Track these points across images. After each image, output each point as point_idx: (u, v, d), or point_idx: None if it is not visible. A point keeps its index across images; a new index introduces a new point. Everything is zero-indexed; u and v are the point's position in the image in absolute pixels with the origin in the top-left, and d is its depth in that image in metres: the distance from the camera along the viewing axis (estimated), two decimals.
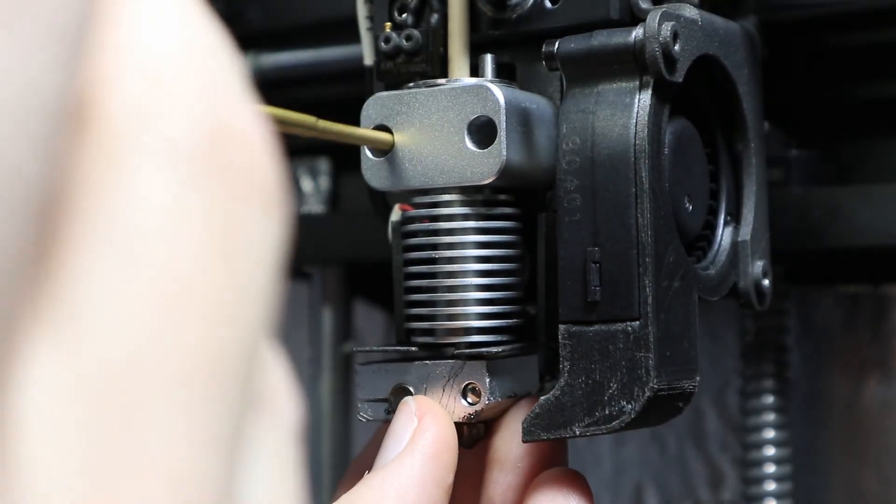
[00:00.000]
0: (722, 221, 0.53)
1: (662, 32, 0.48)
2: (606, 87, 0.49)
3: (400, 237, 0.52)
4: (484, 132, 0.49)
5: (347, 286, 0.76)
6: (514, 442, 0.49)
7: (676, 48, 0.48)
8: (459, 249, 0.50)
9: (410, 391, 0.50)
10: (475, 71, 0.52)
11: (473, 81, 0.50)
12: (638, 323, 0.47)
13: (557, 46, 0.49)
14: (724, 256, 0.53)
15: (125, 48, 0.19)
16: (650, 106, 0.48)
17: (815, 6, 0.62)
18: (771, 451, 0.64)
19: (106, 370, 0.18)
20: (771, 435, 0.64)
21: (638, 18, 0.50)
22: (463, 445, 0.49)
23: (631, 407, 0.46)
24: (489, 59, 0.52)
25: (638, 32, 0.48)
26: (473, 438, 0.50)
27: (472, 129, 0.49)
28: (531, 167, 0.50)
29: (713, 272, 0.52)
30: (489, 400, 0.49)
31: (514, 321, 0.51)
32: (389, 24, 0.53)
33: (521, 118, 0.49)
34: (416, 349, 0.51)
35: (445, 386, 0.49)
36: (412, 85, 0.51)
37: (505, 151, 0.49)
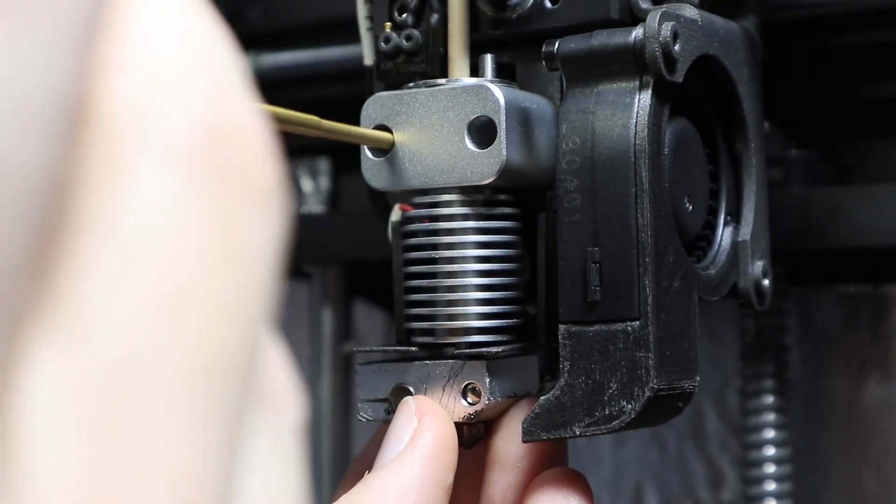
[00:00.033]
0: (722, 221, 0.53)
1: (662, 32, 0.48)
2: (606, 87, 0.49)
3: (400, 237, 0.52)
4: (484, 132, 0.49)
5: (347, 286, 0.76)
6: (514, 442, 0.49)
7: (676, 48, 0.48)
8: (459, 249, 0.50)
9: (410, 391, 0.50)
10: (475, 71, 0.52)
11: (473, 81, 0.50)
12: (638, 323, 0.47)
13: (557, 46, 0.49)
14: (724, 256, 0.53)
15: (127, 47, 0.19)
16: (650, 106, 0.48)
17: (815, 6, 0.62)
18: (771, 451, 0.64)
19: (107, 370, 0.18)
20: (771, 435, 0.64)
21: (638, 18, 0.50)
22: (463, 445, 0.49)
23: (631, 407, 0.46)
24: (489, 59, 0.52)
25: (638, 32, 0.48)
26: (473, 438, 0.50)
27: (472, 129, 0.49)
28: (531, 167, 0.50)
29: (713, 272, 0.52)
30: (489, 400, 0.49)
31: (514, 321, 0.51)
32: (389, 24, 0.53)
33: (521, 118, 0.49)
34: (416, 349, 0.51)
35: (445, 386, 0.49)
36: (412, 85, 0.51)
37: (505, 151, 0.49)
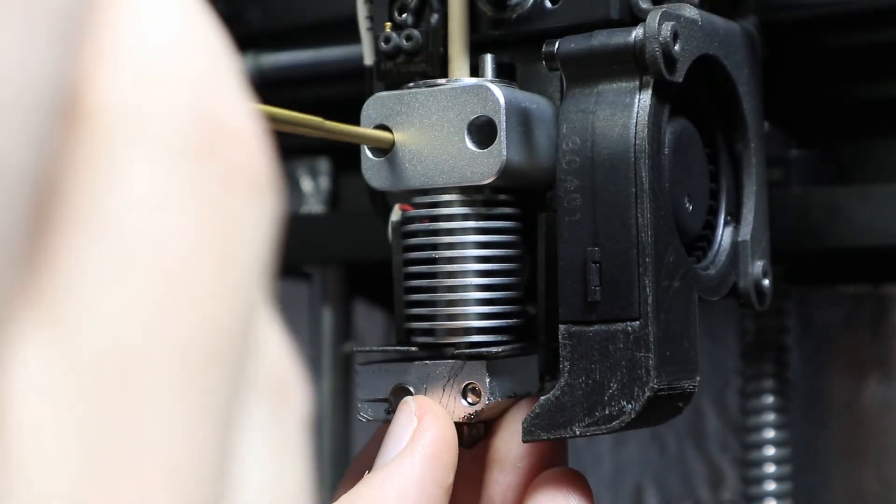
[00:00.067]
0: (722, 221, 0.53)
1: (662, 32, 0.48)
2: (606, 87, 0.49)
3: (400, 237, 0.52)
4: (484, 132, 0.49)
5: (347, 286, 0.76)
6: (514, 442, 0.49)
7: (676, 48, 0.48)
8: (459, 249, 0.50)
9: (410, 391, 0.50)
10: (475, 71, 0.52)
11: (473, 81, 0.50)
12: (638, 323, 0.47)
13: (557, 46, 0.49)
14: (724, 256, 0.53)
15: (119, 42, 0.19)
16: (650, 106, 0.48)
17: (815, 6, 0.62)
18: (771, 451, 0.64)
19: (100, 363, 0.18)
20: (771, 435, 0.64)
21: (638, 18, 0.50)
22: (463, 445, 0.49)
23: (631, 407, 0.46)
24: (489, 59, 0.52)
25: (638, 32, 0.48)
26: (473, 438, 0.50)
27: (472, 129, 0.49)
28: (531, 167, 0.50)
29: (713, 272, 0.52)
30: (489, 400, 0.49)
31: (514, 321, 0.51)
32: (389, 24, 0.53)
33: (521, 118, 0.49)
34: (416, 349, 0.51)
35: (445, 386, 0.49)
36: (412, 85, 0.51)
37: (505, 151, 0.49)
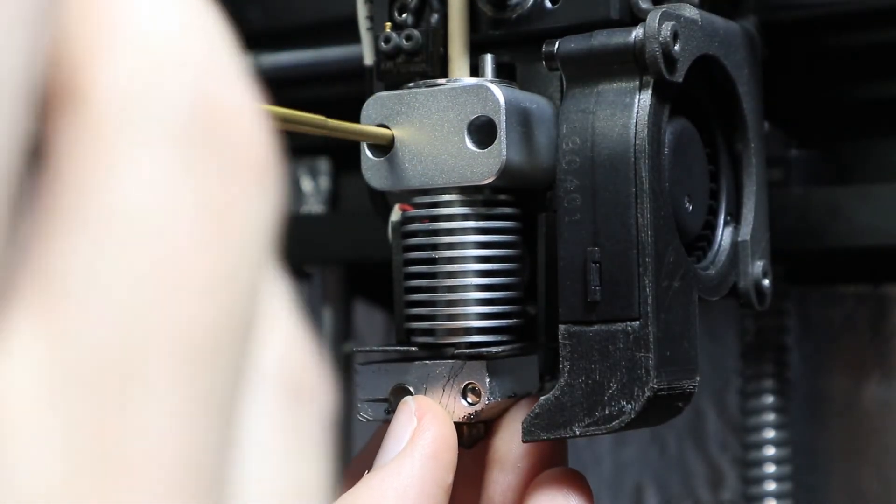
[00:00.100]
0: (722, 221, 0.53)
1: (662, 32, 0.48)
2: (606, 87, 0.49)
3: (400, 237, 0.52)
4: (484, 132, 0.49)
5: (347, 286, 0.76)
6: (514, 442, 0.49)
7: (676, 48, 0.48)
8: (459, 249, 0.50)
9: (410, 391, 0.50)
10: (475, 71, 0.52)
11: (473, 81, 0.50)
12: (638, 323, 0.47)
13: (557, 46, 0.49)
14: (724, 256, 0.53)
15: (117, 28, 0.19)
16: (650, 106, 0.48)
17: (815, 6, 0.62)
18: (771, 451, 0.64)
19: (93, 356, 0.18)
20: (771, 435, 0.64)
21: (638, 18, 0.50)
22: (463, 445, 0.49)
23: (631, 407, 0.46)
24: (489, 59, 0.52)
25: (638, 32, 0.48)
26: (473, 438, 0.50)
27: (472, 129, 0.49)
28: (531, 167, 0.50)
29: (713, 272, 0.52)
30: (489, 400, 0.49)
31: (513, 321, 0.51)
32: (389, 24, 0.53)
33: (521, 118, 0.49)
34: (416, 349, 0.51)
35: (445, 386, 0.49)
36: (412, 85, 0.51)
37: (505, 151, 0.49)
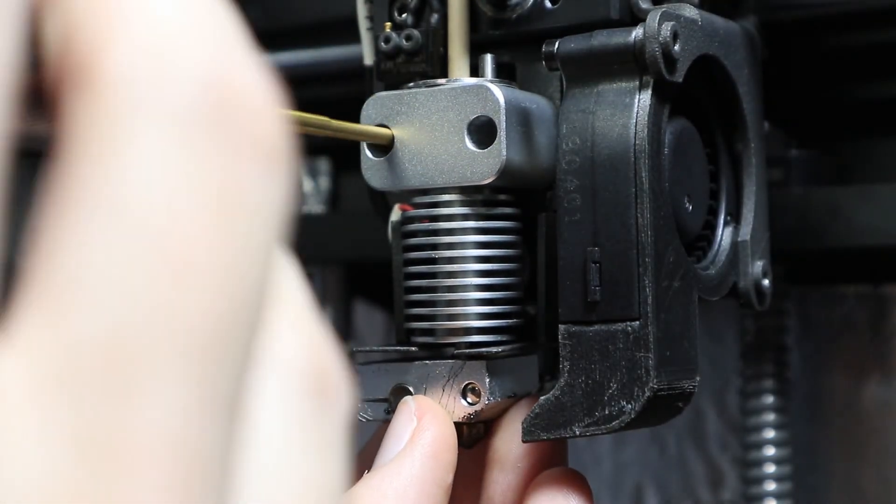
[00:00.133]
0: (722, 221, 0.53)
1: (662, 32, 0.48)
2: (606, 87, 0.49)
3: (400, 237, 0.52)
4: (484, 132, 0.49)
5: (347, 286, 0.76)
6: (514, 442, 0.49)
7: (676, 48, 0.48)
8: (459, 249, 0.50)
9: (410, 391, 0.50)
10: (475, 71, 0.52)
11: (473, 81, 0.50)
12: (638, 323, 0.47)
13: (557, 46, 0.49)
14: (724, 256, 0.53)
15: (126, 10, 0.19)
16: (650, 106, 0.48)
17: (815, 6, 0.62)
18: (771, 451, 0.64)
19: (95, 347, 0.18)
20: (771, 435, 0.64)
21: (638, 18, 0.50)
22: (463, 445, 0.49)
23: (631, 407, 0.46)
24: (489, 59, 0.52)
25: (638, 32, 0.48)
26: (473, 438, 0.50)
27: (472, 129, 0.49)
28: (531, 167, 0.50)
29: (713, 272, 0.52)
30: (489, 400, 0.49)
31: (513, 321, 0.51)
32: (389, 24, 0.53)
33: (521, 118, 0.49)
34: (416, 349, 0.51)
35: (445, 386, 0.49)
36: (412, 85, 0.51)
37: (505, 151, 0.49)
